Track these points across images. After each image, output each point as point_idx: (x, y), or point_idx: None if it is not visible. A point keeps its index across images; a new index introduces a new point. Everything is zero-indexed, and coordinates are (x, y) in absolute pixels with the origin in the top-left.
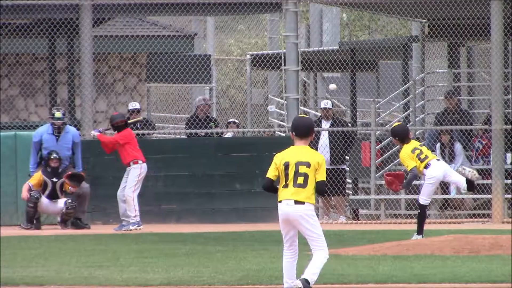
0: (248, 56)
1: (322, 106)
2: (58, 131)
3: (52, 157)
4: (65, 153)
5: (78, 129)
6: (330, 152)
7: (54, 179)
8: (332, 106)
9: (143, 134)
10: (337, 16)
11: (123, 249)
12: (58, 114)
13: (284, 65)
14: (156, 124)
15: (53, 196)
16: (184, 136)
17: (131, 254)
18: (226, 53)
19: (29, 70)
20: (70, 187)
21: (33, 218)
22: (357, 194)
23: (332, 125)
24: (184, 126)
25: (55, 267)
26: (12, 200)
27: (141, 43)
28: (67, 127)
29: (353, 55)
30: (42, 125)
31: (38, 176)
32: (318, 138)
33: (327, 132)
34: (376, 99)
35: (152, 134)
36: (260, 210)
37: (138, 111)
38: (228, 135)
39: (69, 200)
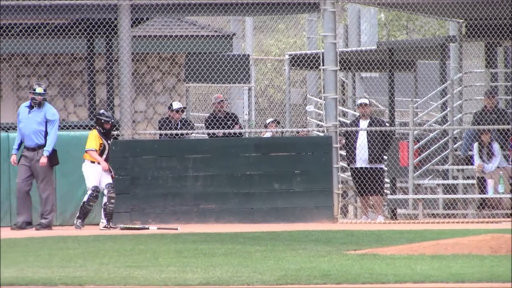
0: (286, 56)
1: (359, 102)
2: (38, 106)
3: (104, 120)
4: (33, 127)
5: (117, 129)
6: (369, 151)
7: (109, 141)
8: (369, 104)
9: (182, 134)
10: (375, 16)
11: (162, 249)
12: (39, 89)
13: (323, 65)
14: (195, 124)
15: (107, 159)
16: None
17: (170, 254)
18: (265, 53)
19: (68, 70)
20: None
21: (86, 217)
22: (395, 194)
23: (370, 124)
24: (203, 126)
25: (94, 267)
26: None
27: (179, 43)
28: (45, 104)
29: (391, 55)
30: (81, 125)
31: (96, 136)
32: (356, 138)
33: (365, 131)
34: (414, 99)
35: (191, 134)
36: (299, 210)
37: (182, 110)
38: (267, 135)
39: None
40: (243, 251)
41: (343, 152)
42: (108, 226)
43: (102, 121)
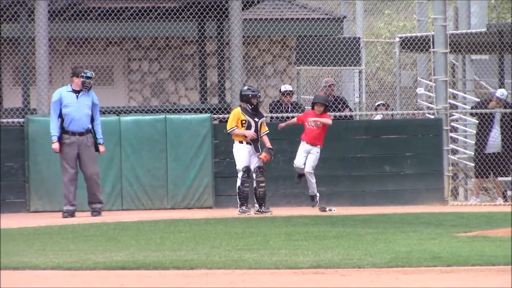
0: (397, 39)
1: (497, 95)
2: (88, 90)
3: (251, 94)
4: (85, 111)
5: (228, 112)
6: (502, 137)
7: (256, 119)
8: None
9: (293, 117)
10: None
11: (273, 232)
12: (90, 74)
13: (433, 48)
14: (305, 107)
15: (255, 139)
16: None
17: (281, 236)
18: (375, 36)
19: (179, 53)
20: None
21: (248, 200)
22: (506, 176)
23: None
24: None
25: (205, 250)
26: (162, 183)
27: (290, 26)
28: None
29: (501, 37)
30: (192, 108)
31: (235, 115)
32: (491, 126)
33: (499, 120)
34: None
35: None
36: (409, 193)
37: (291, 93)
38: (377, 117)
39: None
40: (354, 234)
41: (454, 135)
42: (261, 211)
43: (250, 95)
